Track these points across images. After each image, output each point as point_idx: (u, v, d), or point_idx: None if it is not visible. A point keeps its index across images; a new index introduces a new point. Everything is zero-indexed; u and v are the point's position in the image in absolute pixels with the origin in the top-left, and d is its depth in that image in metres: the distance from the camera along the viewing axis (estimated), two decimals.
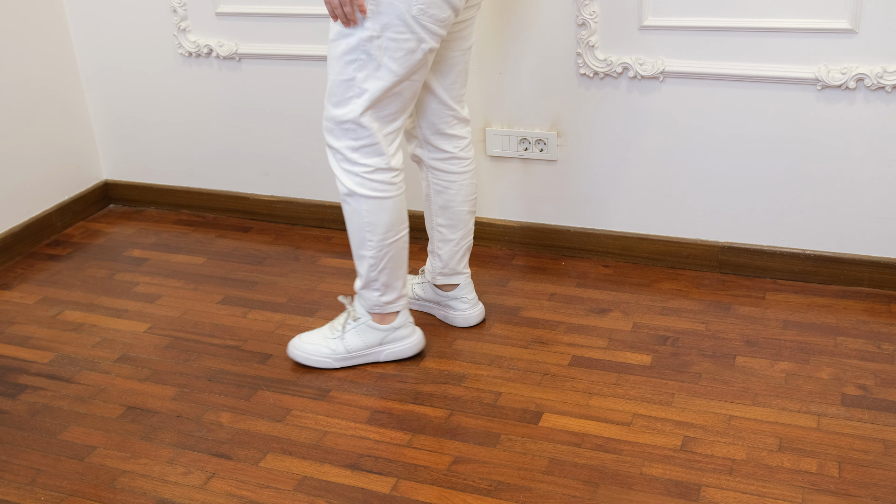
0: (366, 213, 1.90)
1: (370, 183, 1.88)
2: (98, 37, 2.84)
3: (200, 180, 2.93)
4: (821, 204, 2.25)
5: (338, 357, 2.05)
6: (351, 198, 1.90)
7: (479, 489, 1.70)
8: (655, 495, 1.65)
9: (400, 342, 2.06)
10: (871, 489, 1.64)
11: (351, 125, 1.84)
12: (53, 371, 2.15)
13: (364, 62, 1.78)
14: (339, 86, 1.83)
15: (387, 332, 2.04)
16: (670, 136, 2.31)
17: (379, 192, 1.89)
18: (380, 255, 1.95)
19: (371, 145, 1.86)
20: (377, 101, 1.82)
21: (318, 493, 1.71)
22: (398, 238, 1.95)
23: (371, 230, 1.92)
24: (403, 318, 2.05)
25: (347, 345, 2.05)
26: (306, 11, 2.54)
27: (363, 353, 2.06)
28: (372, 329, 2.04)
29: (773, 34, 2.12)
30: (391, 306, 2.02)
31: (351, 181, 1.89)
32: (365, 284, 2.00)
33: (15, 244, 2.72)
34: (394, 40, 1.76)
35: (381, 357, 2.07)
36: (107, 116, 2.96)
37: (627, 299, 2.29)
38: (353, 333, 2.05)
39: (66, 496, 1.75)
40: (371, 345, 2.05)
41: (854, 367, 1.98)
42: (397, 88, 1.82)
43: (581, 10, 2.24)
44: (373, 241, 1.93)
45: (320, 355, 2.06)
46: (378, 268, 1.96)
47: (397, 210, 1.93)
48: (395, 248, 1.96)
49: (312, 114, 2.68)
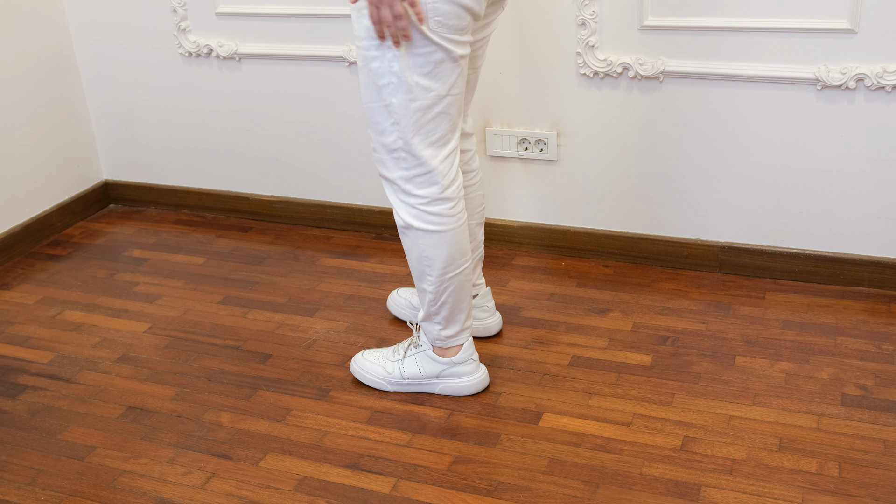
0: (423, 246, 1.81)
1: (427, 216, 1.77)
2: (98, 37, 2.84)
3: (200, 180, 2.93)
4: (821, 204, 2.25)
5: (392, 381, 1.97)
6: (408, 231, 1.81)
7: (479, 489, 1.70)
8: (655, 495, 1.65)
9: (458, 378, 1.94)
10: (871, 489, 1.64)
11: (402, 153, 1.73)
12: (53, 371, 2.15)
13: (396, 85, 1.67)
14: (378, 112, 1.72)
15: (446, 365, 1.93)
16: (670, 136, 2.31)
17: (436, 226, 1.78)
18: (440, 289, 1.84)
19: (425, 174, 1.74)
20: (423, 125, 1.70)
21: (318, 493, 1.71)
22: (459, 272, 1.84)
23: (430, 264, 1.82)
24: (466, 354, 1.93)
25: (404, 371, 1.96)
26: (306, 11, 2.54)
27: (418, 382, 1.96)
28: (431, 360, 1.94)
29: (773, 34, 2.12)
30: (452, 340, 1.91)
31: (407, 214, 1.79)
32: (426, 317, 1.91)
33: (15, 244, 2.72)
34: (420, 55, 1.64)
35: (436, 390, 1.96)
36: (107, 116, 2.97)
37: (627, 299, 2.29)
38: (412, 361, 1.95)
39: (66, 496, 1.75)
40: (427, 375, 1.95)
41: (854, 367, 1.98)
42: (440, 106, 1.70)
43: (581, 10, 2.24)
44: (432, 275, 1.83)
45: (376, 375, 1.98)
46: (438, 302, 1.86)
47: (457, 243, 1.82)
48: (456, 282, 1.85)
49: (312, 114, 2.68)
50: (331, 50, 2.56)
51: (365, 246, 2.67)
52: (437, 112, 1.70)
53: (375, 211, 2.71)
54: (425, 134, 1.72)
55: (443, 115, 1.71)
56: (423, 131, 1.71)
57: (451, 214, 1.79)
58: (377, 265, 2.55)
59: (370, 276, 2.49)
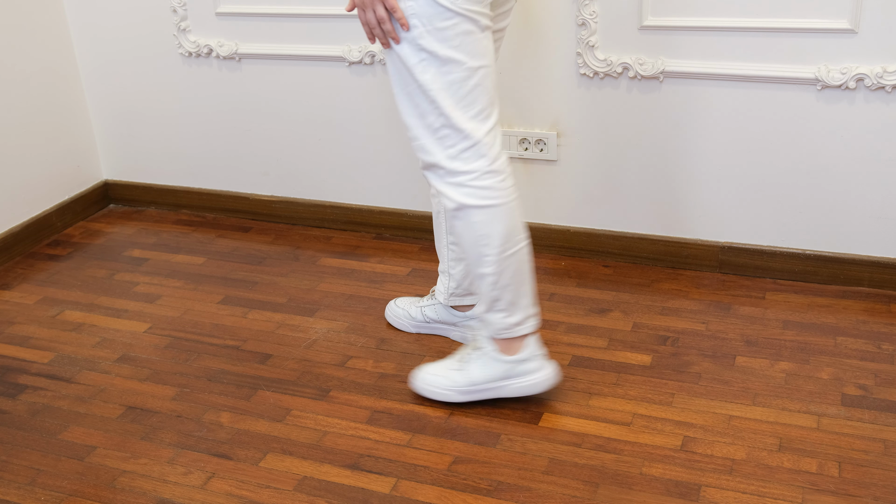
0: (479, 224, 1.74)
1: (479, 191, 1.72)
2: (98, 36, 2.84)
3: (200, 180, 2.93)
4: (821, 204, 2.25)
5: (460, 389, 1.90)
6: (461, 212, 1.74)
7: (479, 489, 1.70)
8: (655, 495, 1.65)
9: (527, 377, 1.87)
10: (871, 489, 1.64)
11: (445, 131, 1.69)
12: (53, 371, 2.15)
13: (427, 62, 1.65)
14: (415, 95, 1.69)
15: (512, 364, 1.86)
16: (670, 136, 2.31)
17: (490, 200, 1.73)
18: (500, 269, 1.77)
19: (471, 147, 1.70)
20: (461, 99, 1.68)
21: (318, 493, 1.71)
22: (518, 249, 1.78)
23: (487, 243, 1.75)
24: (531, 351, 1.86)
25: (470, 377, 1.88)
26: (306, 11, 2.54)
27: (486, 386, 1.89)
28: (496, 361, 1.86)
29: (773, 34, 2.12)
30: (519, 328, 1.84)
31: (458, 193, 1.73)
32: (488, 306, 1.82)
33: (15, 244, 2.72)
34: (446, 28, 1.62)
35: (504, 392, 1.89)
36: (107, 116, 2.97)
37: (627, 299, 2.29)
38: (477, 365, 1.88)
39: (66, 496, 1.75)
40: (494, 378, 1.88)
41: (854, 367, 1.98)
42: (475, 79, 1.67)
43: (581, 10, 2.24)
44: (490, 255, 1.76)
45: (441, 387, 1.91)
46: (500, 284, 1.78)
47: (512, 217, 1.76)
48: (515, 262, 1.78)
49: (312, 114, 2.68)
50: (331, 50, 2.56)
51: (365, 246, 2.67)
52: (473, 85, 1.68)
53: (375, 211, 2.71)
54: (465, 108, 1.69)
55: (479, 88, 1.69)
56: (462, 105, 1.68)
57: (503, 188, 1.74)
58: (377, 265, 2.55)
59: (370, 276, 2.49)
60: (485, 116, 1.71)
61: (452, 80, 1.66)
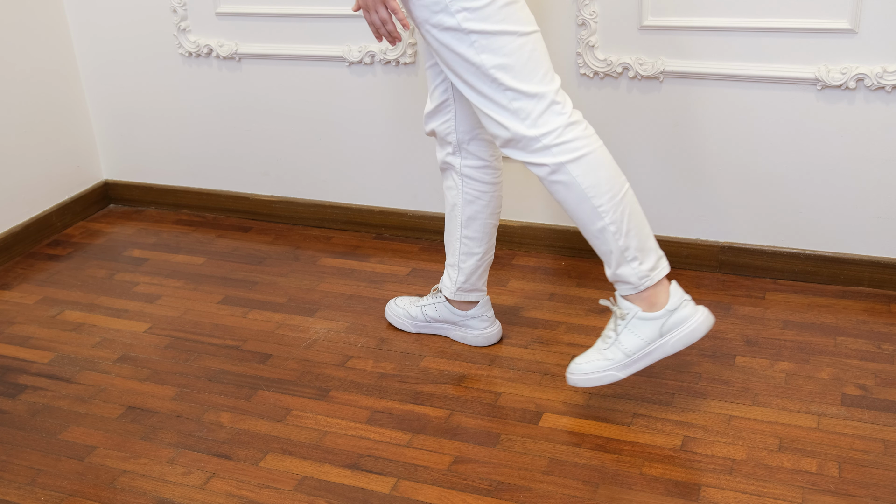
0: (582, 177, 1.70)
1: (568, 144, 1.70)
2: (98, 37, 2.84)
3: (200, 180, 2.93)
4: (821, 204, 2.25)
5: (620, 364, 1.80)
6: (558, 172, 1.71)
7: (479, 489, 1.70)
8: (655, 495, 1.65)
9: (683, 325, 1.77)
10: (871, 489, 1.64)
11: (518, 103, 1.69)
12: (53, 371, 2.15)
13: (479, 43, 1.66)
14: (476, 80, 1.70)
15: (663, 318, 1.76)
16: (670, 136, 2.31)
17: (582, 149, 1.70)
18: (619, 215, 1.72)
19: (547, 108, 1.69)
20: (521, 68, 1.68)
21: (318, 493, 1.71)
22: (626, 191, 1.74)
23: (596, 193, 1.71)
24: (678, 298, 1.77)
25: (626, 348, 1.79)
26: (306, 11, 2.54)
27: (646, 350, 1.78)
28: (646, 321, 1.77)
29: (773, 34, 2.12)
30: (657, 272, 1.76)
31: (548, 156, 1.70)
32: (619, 260, 1.75)
33: (15, 244, 2.72)
34: (486, 5, 1.64)
35: (667, 350, 1.78)
36: (107, 116, 2.97)
37: None
38: (627, 334, 1.79)
39: (66, 496, 1.75)
40: (651, 339, 1.77)
41: (854, 367, 1.98)
42: (529, 45, 1.68)
43: (581, 10, 2.24)
44: (604, 204, 1.72)
45: (601, 370, 1.80)
46: (623, 231, 1.73)
47: (609, 161, 1.73)
48: (628, 203, 1.74)
49: (312, 114, 2.68)
50: (331, 50, 2.56)
51: (365, 246, 2.67)
52: (530, 51, 1.69)
53: (375, 211, 2.71)
54: (529, 74, 1.69)
55: (536, 52, 1.70)
56: (525, 72, 1.69)
57: (588, 135, 1.73)
58: (377, 265, 2.55)
59: (370, 276, 2.49)
60: (550, 78, 1.72)
61: (509, 51, 1.68)
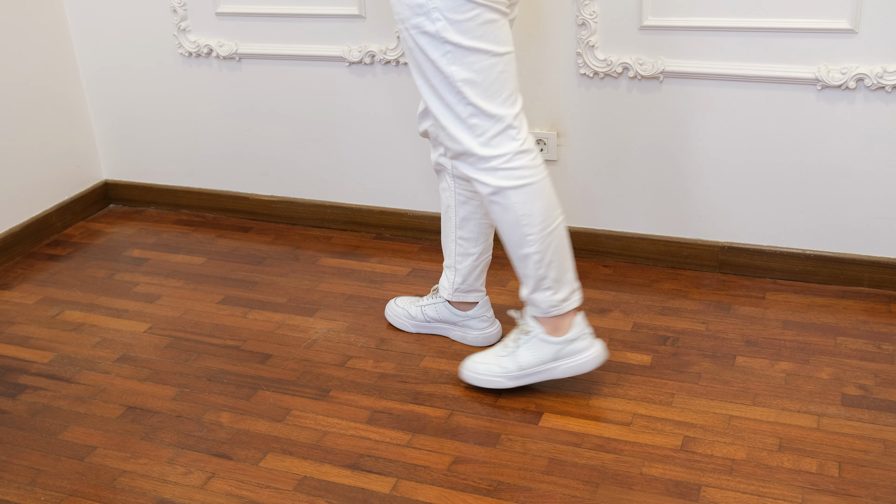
0: (518, 205, 1.76)
1: (514, 171, 1.75)
2: (98, 37, 2.84)
3: (200, 180, 2.93)
4: (821, 204, 2.25)
5: (511, 375, 1.91)
6: (498, 195, 1.77)
7: (479, 489, 1.70)
8: (655, 495, 1.65)
9: (576, 356, 1.88)
10: (871, 489, 1.64)
11: (475, 119, 1.72)
12: (53, 371, 2.15)
13: (452, 54, 1.67)
14: (441, 88, 1.72)
15: (561, 345, 1.87)
16: (670, 136, 2.31)
17: (525, 179, 1.75)
18: (543, 247, 1.79)
19: (503, 131, 1.73)
20: (488, 87, 1.70)
21: (318, 493, 1.71)
22: (557, 225, 1.81)
23: (528, 222, 1.78)
24: (579, 330, 1.88)
25: (520, 361, 1.90)
26: (306, 11, 2.54)
27: (537, 369, 1.90)
28: (545, 343, 1.88)
29: (773, 34, 2.12)
30: (567, 304, 1.85)
31: (493, 177, 1.75)
32: (535, 286, 1.84)
33: (15, 244, 2.72)
34: (467, 20, 1.65)
35: (555, 374, 1.90)
36: (107, 116, 2.97)
37: (627, 299, 2.29)
38: (526, 349, 1.89)
39: (66, 496, 1.75)
40: (545, 360, 1.89)
41: (854, 367, 1.98)
42: (500, 66, 1.70)
43: (581, 10, 2.24)
44: (533, 233, 1.78)
45: (492, 374, 1.92)
46: (545, 262, 1.81)
47: (548, 193, 1.79)
48: (556, 237, 1.81)
49: (312, 114, 2.68)
50: (331, 50, 2.56)
51: (365, 246, 2.67)
52: (500, 72, 1.71)
53: (375, 211, 2.71)
54: (493, 94, 1.71)
55: (505, 74, 1.72)
56: (490, 92, 1.71)
57: (535, 165, 1.77)
58: (377, 265, 2.55)
59: (370, 276, 2.49)
60: (512, 101, 1.74)
61: (479, 69, 1.69)
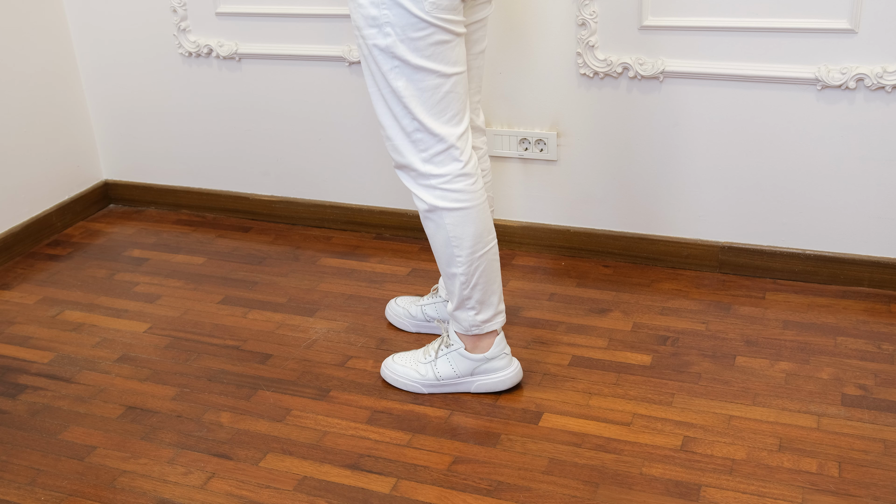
0: (451, 226, 1.79)
1: (451, 194, 1.77)
2: (98, 37, 2.84)
3: (200, 180, 2.93)
4: (821, 204, 2.25)
5: (427, 383, 1.96)
6: (433, 213, 1.79)
7: (479, 489, 1.70)
8: (655, 495, 1.65)
9: (493, 374, 1.93)
10: (871, 489, 1.64)
11: (419, 135, 1.73)
12: (53, 371, 2.15)
13: (400, 69, 1.68)
14: (389, 99, 1.72)
15: (479, 362, 1.92)
16: (670, 136, 2.31)
17: (461, 203, 1.77)
18: (470, 270, 1.82)
19: (445, 151, 1.74)
20: (434, 105, 1.71)
21: (318, 493, 1.71)
22: (487, 250, 1.83)
23: (458, 244, 1.80)
24: (498, 349, 1.92)
25: (438, 372, 1.94)
26: (306, 11, 2.54)
27: (453, 382, 1.94)
28: (464, 358, 1.92)
29: (773, 34, 2.12)
30: (488, 325, 1.89)
31: (430, 195, 1.77)
32: (459, 304, 1.87)
33: (15, 244, 2.72)
34: (419, 39, 1.65)
35: (471, 388, 1.95)
36: (107, 116, 2.97)
37: (627, 299, 2.29)
38: (445, 361, 1.94)
39: (66, 496, 1.75)
40: (461, 374, 1.93)
41: (854, 367, 1.98)
42: (447, 86, 1.71)
43: (581, 10, 2.24)
44: (462, 255, 1.81)
45: (409, 379, 1.97)
46: (470, 284, 1.83)
47: (483, 219, 1.81)
48: (485, 261, 1.83)
49: (312, 114, 2.68)
50: (331, 50, 2.56)
51: (365, 246, 2.67)
52: (446, 92, 1.71)
53: (375, 211, 2.71)
54: (438, 114, 1.72)
55: (452, 94, 1.72)
56: (434, 111, 1.72)
57: (474, 190, 1.79)
58: (377, 265, 2.55)
59: (370, 276, 2.49)
60: (458, 121, 1.75)
61: (425, 87, 1.70)
